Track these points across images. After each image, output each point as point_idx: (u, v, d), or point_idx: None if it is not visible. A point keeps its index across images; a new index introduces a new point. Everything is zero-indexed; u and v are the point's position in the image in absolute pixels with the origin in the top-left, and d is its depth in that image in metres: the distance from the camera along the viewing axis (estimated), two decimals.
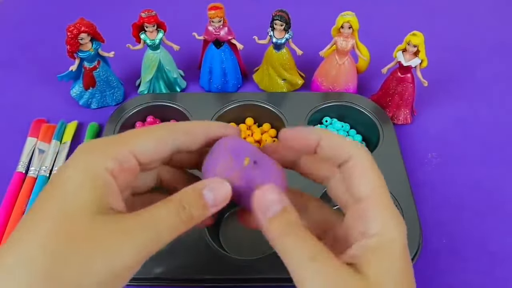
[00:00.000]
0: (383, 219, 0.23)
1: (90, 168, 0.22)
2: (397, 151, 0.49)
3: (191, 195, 0.24)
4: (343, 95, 0.55)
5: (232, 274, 0.39)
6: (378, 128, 0.51)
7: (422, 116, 0.57)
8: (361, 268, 0.22)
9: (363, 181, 0.24)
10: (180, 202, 0.23)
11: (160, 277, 0.39)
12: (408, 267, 0.23)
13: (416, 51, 0.50)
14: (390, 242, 0.23)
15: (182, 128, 0.26)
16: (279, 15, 0.52)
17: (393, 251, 0.23)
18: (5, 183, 0.49)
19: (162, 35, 0.54)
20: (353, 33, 0.53)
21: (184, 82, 0.61)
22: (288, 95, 0.57)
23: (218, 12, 0.52)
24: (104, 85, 0.56)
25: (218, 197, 0.24)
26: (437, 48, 0.57)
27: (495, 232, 0.46)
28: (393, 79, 0.53)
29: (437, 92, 0.60)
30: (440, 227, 0.46)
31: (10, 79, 0.63)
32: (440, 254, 0.44)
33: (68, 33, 0.50)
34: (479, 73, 0.64)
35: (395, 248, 0.23)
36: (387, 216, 0.23)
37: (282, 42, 0.54)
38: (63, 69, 0.54)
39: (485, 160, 0.52)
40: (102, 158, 0.22)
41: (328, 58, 0.56)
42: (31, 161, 0.51)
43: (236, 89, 0.60)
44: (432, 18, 0.73)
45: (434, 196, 0.49)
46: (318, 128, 0.26)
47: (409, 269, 0.23)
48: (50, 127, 0.54)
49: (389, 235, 0.23)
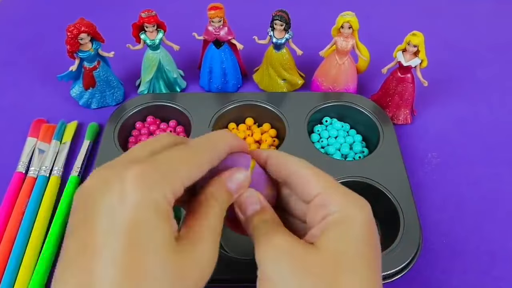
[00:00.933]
0: (341, 200, 0.25)
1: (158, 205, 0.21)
2: (397, 151, 0.49)
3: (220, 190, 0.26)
4: (343, 95, 0.55)
5: (232, 274, 0.39)
6: (378, 128, 0.51)
7: (422, 116, 0.57)
8: (321, 243, 0.24)
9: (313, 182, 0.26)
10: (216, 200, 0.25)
11: None
12: (371, 240, 0.24)
13: (416, 51, 0.50)
14: (349, 217, 0.24)
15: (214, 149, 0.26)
16: (279, 15, 0.52)
17: (353, 224, 0.24)
18: (5, 183, 0.49)
19: (162, 35, 0.54)
20: (353, 33, 0.53)
21: (184, 82, 0.61)
22: (288, 95, 0.57)
23: (218, 12, 0.52)
24: (104, 85, 0.56)
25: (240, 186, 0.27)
26: (437, 48, 0.57)
27: (495, 232, 0.46)
28: (393, 79, 0.53)
29: (437, 92, 0.60)
30: (440, 227, 0.46)
31: (10, 79, 0.63)
32: (440, 254, 0.44)
33: (68, 33, 0.50)
34: (479, 73, 0.64)
35: (355, 222, 0.24)
36: (346, 198, 0.25)
37: (282, 42, 0.54)
38: (63, 69, 0.54)
39: (485, 160, 0.52)
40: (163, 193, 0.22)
41: (328, 58, 0.56)
42: (31, 161, 0.51)
43: (236, 89, 0.60)
44: (432, 18, 0.73)
45: (434, 196, 0.49)
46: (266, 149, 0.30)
47: (373, 242, 0.24)
48: (50, 127, 0.54)
49: (348, 211, 0.25)
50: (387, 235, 0.43)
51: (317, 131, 0.54)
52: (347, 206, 0.25)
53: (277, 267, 0.23)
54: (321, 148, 0.52)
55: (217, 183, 0.26)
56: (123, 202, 0.20)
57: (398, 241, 0.41)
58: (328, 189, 0.26)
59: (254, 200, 0.27)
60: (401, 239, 0.41)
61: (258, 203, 0.27)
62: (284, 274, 0.23)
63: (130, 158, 0.23)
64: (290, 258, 0.23)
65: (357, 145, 0.52)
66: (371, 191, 0.45)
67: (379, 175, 0.46)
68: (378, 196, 0.45)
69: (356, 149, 0.52)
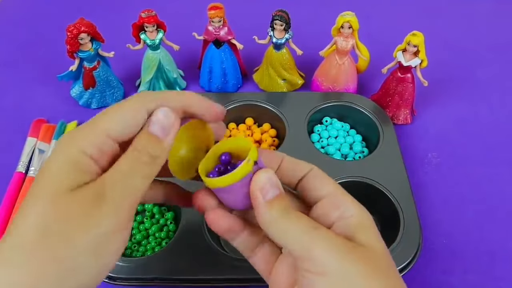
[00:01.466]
0: (354, 205, 0.26)
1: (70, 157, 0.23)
2: (397, 151, 0.49)
3: (140, 137, 0.24)
4: (343, 95, 0.55)
5: (232, 274, 0.39)
6: (378, 128, 0.51)
7: (422, 116, 0.57)
8: (361, 241, 0.25)
9: (327, 182, 0.27)
10: (134, 148, 0.24)
11: (160, 277, 0.39)
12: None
13: (416, 51, 0.50)
14: (367, 221, 0.26)
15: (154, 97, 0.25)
16: (279, 15, 0.52)
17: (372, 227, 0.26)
18: (5, 183, 0.49)
19: (162, 35, 0.54)
20: (353, 33, 0.53)
21: (184, 82, 0.61)
22: (288, 95, 0.57)
23: (218, 12, 0.52)
24: (104, 85, 0.56)
25: (164, 125, 0.24)
26: (437, 48, 0.57)
27: (495, 232, 0.46)
28: (393, 79, 0.53)
29: (437, 92, 0.60)
30: (440, 227, 0.46)
31: (10, 79, 0.63)
32: (440, 254, 0.44)
33: (68, 33, 0.50)
34: (479, 73, 0.64)
35: (374, 225, 0.26)
36: (356, 204, 0.27)
37: (282, 42, 0.54)
38: (63, 69, 0.54)
39: (485, 160, 0.52)
40: (80, 147, 0.23)
41: (328, 58, 0.56)
42: (31, 161, 0.51)
43: (236, 89, 0.60)
44: (432, 18, 0.73)
45: (434, 196, 0.49)
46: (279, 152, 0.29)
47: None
48: (50, 127, 0.54)
49: (367, 216, 0.26)
50: (387, 235, 0.43)
51: (317, 131, 0.54)
52: (360, 211, 0.26)
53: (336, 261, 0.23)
54: (321, 148, 0.52)
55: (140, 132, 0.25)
56: (48, 159, 0.24)
57: (398, 241, 0.41)
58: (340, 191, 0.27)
59: (274, 184, 0.25)
60: (401, 239, 0.41)
61: (278, 188, 0.25)
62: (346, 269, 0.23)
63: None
64: (348, 252, 0.23)
65: (357, 145, 0.52)
66: (371, 191, 0.45)
67: (379, 175, 0.46)
68: (378, 196, 0.45)
69: (356, 149, 0.52)
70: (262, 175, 0.25)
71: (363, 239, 0.25)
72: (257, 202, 0.25)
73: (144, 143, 0.24)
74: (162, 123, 0.24)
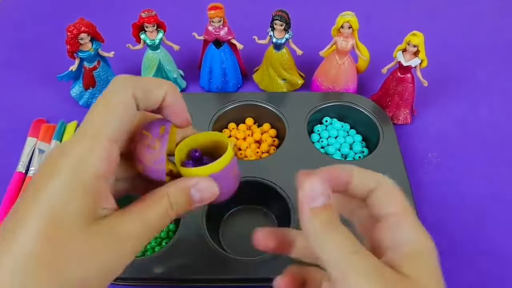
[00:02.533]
0: (415, 231, 0.24)
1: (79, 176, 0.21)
2: (397, 151, 0.49)
3: (180, 195, 0.24)
4: (343, 95, 0.55)
5: (232, 274, 0.39)
6: (378, 128, 0.51)
7: (422, 116, 0.57)
8: (408, 272, 0.23)
9: (393, 200, 0.25)
10: (169, 203, 0.24)
11: (160, 277, 0.39)
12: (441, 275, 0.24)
13: (416, 51, 0.50)
14: (426, 250, 0.24)
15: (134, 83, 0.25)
16: (279, 15, 0.52)
17: (429, 258, 0.24)
18: (5, 183, 0.49)
19: (162, 35, 0.54)
20: (353, 33, 0.53)
21: (184, 82, 0.61)
22: (288, 95, 0.57)
23: (218, 12, 0.52)
24: (104, 85, 0.56)
25: (205, 197, 0.25)
26: (437, 48, 0.57)
27: (495, 232, 0.46)
28: (393, 79, 0.53)
29: (437, 92, 0.60)
30: (440, 227, 0.46)
31: (10, 79, 0.63)
32: (440, 254, 0.44)
33: (68, 33, 0.50)
34: (479, 73, 0.64)
35: (431, 255, 0.24)
36: (419, 229, 0.25)
37: (282, 42, 0.54)
38: (63, 69, 0.54)
39: (485, 160, 0.52)
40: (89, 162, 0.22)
41: (328, 58, 0.56)
42: (31, 161, 0.51)
43: (236, 89, 0.60)
44: (432, 18, 0.73)
45: (434, 196, 0.49)
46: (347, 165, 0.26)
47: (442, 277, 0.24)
48: (50, 127, 0.54)
49: (424, 243, 0.24)
50: None
51: (317, 131, 0.54)
52: (421, 238, 0.24)
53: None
54: (321, 148, 0.52)
55: (181, 185, 0.25)
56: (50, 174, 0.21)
57: None
58: (406, 212, 0.25)
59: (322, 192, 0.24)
60: None
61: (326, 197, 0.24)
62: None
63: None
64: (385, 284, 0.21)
65: (357, 145, 0.52)
66: None
67: None
68: None
69: (356, 149, 0.52)
70: (312, 182, 0.24)
71: (412, 271, 0.23)
72: (303, 209, 0.24)
73: (180, 202, 0.24)
74: (205, 196, 0.25)
